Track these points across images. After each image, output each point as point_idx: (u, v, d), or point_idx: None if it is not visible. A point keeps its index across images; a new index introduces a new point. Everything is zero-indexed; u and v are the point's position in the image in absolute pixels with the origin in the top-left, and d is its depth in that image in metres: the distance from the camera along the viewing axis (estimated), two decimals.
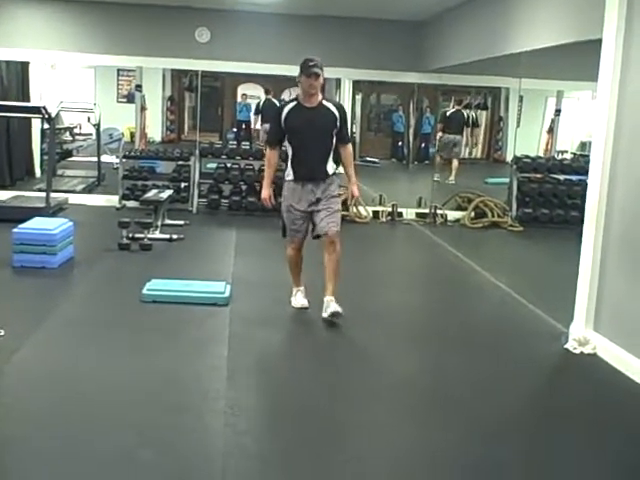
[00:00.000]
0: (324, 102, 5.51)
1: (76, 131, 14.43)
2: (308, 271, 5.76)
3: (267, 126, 12.11)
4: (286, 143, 5.59)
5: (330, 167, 5.52)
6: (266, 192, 5.67)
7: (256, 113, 13.10)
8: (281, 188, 5.70)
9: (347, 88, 15.13)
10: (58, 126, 12.37)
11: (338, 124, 5.48)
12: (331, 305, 5.31)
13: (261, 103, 13.55)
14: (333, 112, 5.48)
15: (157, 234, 8.09)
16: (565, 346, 5.16)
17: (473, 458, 3.53)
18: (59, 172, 12.00)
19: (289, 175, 5.56)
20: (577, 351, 5.08)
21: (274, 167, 5.71)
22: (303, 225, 5.57)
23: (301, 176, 5.49)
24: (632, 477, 3.41)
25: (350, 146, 5.69)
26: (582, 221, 5.32)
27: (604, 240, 5.09)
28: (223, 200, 10.36)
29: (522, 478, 3.38)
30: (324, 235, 5.44)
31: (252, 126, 15.74)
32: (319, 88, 5.45)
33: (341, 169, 5.78)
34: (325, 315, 5.30)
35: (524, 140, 11.67)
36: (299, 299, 5.73)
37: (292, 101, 5.58)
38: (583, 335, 5.12)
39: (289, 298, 5.75)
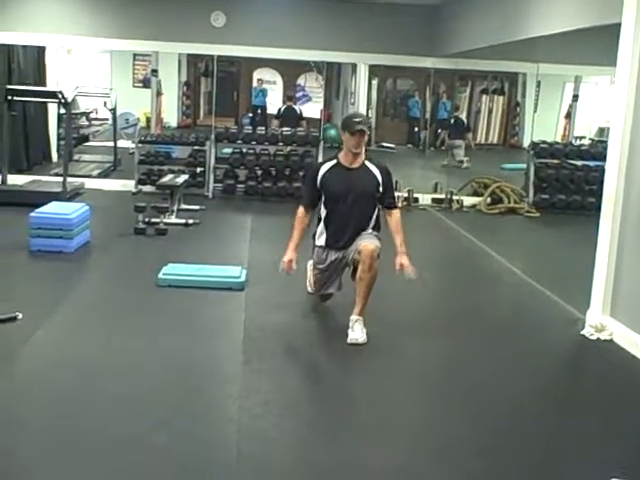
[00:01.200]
0: (367, 163, 5.00)
1: (92, 116, 14.47)
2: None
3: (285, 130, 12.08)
4: (321, 206, 5.10)
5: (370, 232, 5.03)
6: (289, 255, 4.95)
7: (276, 118, 13.19)
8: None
9: (363, 73, 15.06)
10: (74, 111, 12.40)
11: (381, 189, 4.98)
12: (355, 328, 4.72)
13: (282, 109, 13.64)
14: (375, 176, 4.96)
15: (173, 219, 8.10)
16: (582, 332, 5.14)
17: (488, 442, 3.53)
18: (75, 157, 12.03)
19: (320, 239, 5.12)
20: (594, 337, 5.06)
21: (303, 231, 5.07)
22: (331, 278, 5.15)
23: (333, 243, 5.04)
24: None
25: (398, 212, 5.09)
26: (599, 207, 5.29)
27: (621, 226, 5.06)
28: (239, 185, 10.36)
29: (539, 462, 3.38)
30: (358, 254, 4.82)
31: (267, 111, 15.72)
32: (363, 147, 4.97)
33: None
34: (348, 340, 4.69)
35: (541, 126, 11.60)
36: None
37: (331, 159, 5.10)
38: (600, 321, 5.09)
39: (304, 284, 5.74)
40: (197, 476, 3.12)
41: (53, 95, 9.62)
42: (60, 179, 9.01)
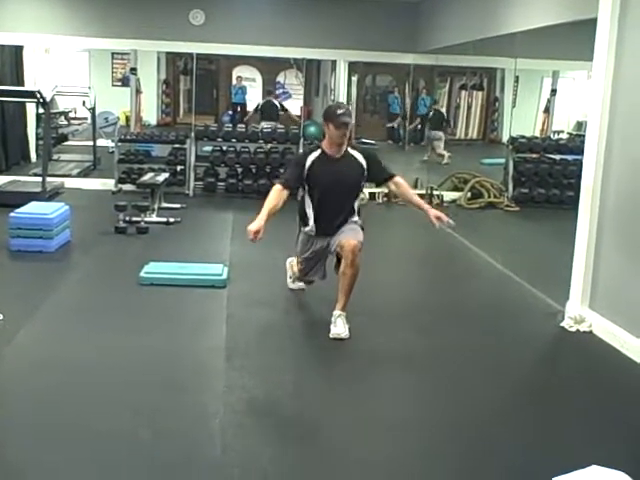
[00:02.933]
0: (350, 151, 4.98)
1: (71, 115, 14.39)
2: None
3: (265, 124, 12.10)
4: (306, 196, 5.04)
5: (353, 218, 5.05)
6: (257, 225, 4.66)
7: (256, 112, 13.21)
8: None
9: (342, 70, 15.07)
10: (53, 110, 12.31)
11: (366, 174, 4.97)
12: (338, 323, 4.75)
13: (261, 103, 13.69)
14: (361, 163, 4.94)
15: (154, 217, 8.09)
16: (561, 324, 5.19)
17: (470, 434, 3.57)
18: (55, 156, 11.98)
19: (310, 228, 5.04)
20: (573, 329, 5.11)
21: (276, 207, 4.79)
22: (315, 266, 5.18)
23: (322, 232, 5.02)
24: (628, 450, 3.45)
25: (400, 178, 5.11)
26: (578, 201, 5.34)
27: (599, 219, 5.12)
28: (219, 183, 10.36)
29: (520, 452, 3.42)
30: (341, 249, 4.82)
31: (247, 109, 15.71)
32: (347, 137, 4.91)
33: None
34: (330, 335, 4.73)
35: (520, 120, 11.66)
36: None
37: (316, 149, 5.00)
38: (579, 313, 5.15)
39: (286, 280, 5.76)
40: (182, 471, 3.13)
41: (31, 95, 9.56)
42: (39, 179, 8.96)
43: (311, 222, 5.02)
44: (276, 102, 13.75)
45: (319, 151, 4.96)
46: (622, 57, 4.88)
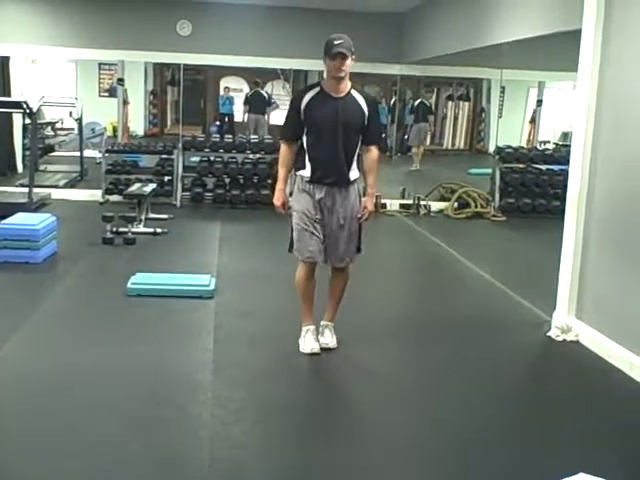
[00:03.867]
0: (353, 92, 4.54)
1: (58, 126, 14.37)
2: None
3: (253, 116, 12.13)
4: (304, 136, 4.58)
5: (353, 173, 4.60)
6: (279, 197, 4.61)
7: (245, 103, 13.25)
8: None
9: None
10: (40, 121, 12.31)
11: (366, 122, 4.53)
12: (326, 334, 4.70)
13: (249, 94, 13.71)
14: (361, 106, 4.51)
15: (141, 228, 8.07)
16: (548, 334, 5.21)
17: (458, 444, 3.57)
18: (41, 167, 11.94)
19: (305, 171, 4.55)
20: (560, 339, 5.13)
21: (290, 167, 4.63)
22: (318, 241, 4.53)
23: (317, 178, 4.51)
24: (615, 458, 3.46)
25: (376, 150, 4.71)
26: (564, 210, 5.37)
27: (585, 229, 5.15)
28: (207, 193, 10.34)
29: (507, 461, 3.42)
30: (331, 270, 4.70)
31: (235, 119, 15.75)
32: (347, 73, 4.49)
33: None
34: (320, 345, 4.64)
35: (506, 131, 11.74)
36: (309, 342, 4.62)
37: (314, 87, 4.59)
38: (566, 323, 5.17)
39: (274, 290, 5.73)
40: None
41: (18, 105, 9.53)
42: (26, 190, 8.93)
43: (307, 165, 4.54)
44: (264, 92, 13.80)
45: (317, 89, 4.54)
46: (606, 68, 4.92)
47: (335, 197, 4.53)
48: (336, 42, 4.40)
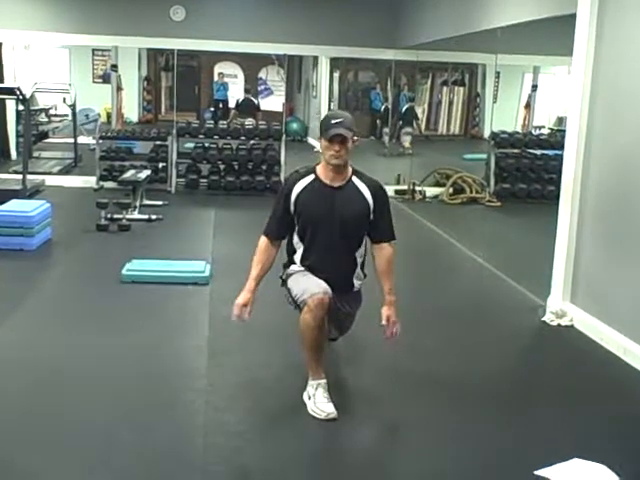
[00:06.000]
0: (354, 180, 3.80)
1: (52, 112, 14.29)
2: None
3: (246, 122, 12.17)
4: (294, 234, 3.91)
5: (357, 278, 4.01)
6: (243, 297, 3.83)
7: (235, 108, 13.40)
8: None
9: (324, 66, 15.09)
10: (33, 107, 12.24)
11: (372, 216, 3.81)
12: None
13: (240, 100, 13.88)
14: (365, 197, 3.77)
15: (136, 214, 8.06)
16: (543, 319, 5.23)
17: (453, 428, 3.58)
18: (35, 154, 11.87)
19: (297, 266, 3.95)
20: (554, 323, 5.15)
21: (266, 268, 3.89)
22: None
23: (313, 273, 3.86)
24: (609, 442, 3.48)
25: (391, 248, 3.89)
26: (559, 195, 5.37)
27: (580, 214, 5.15)
28: (202, 180, 10.33)
29: (501, 446, 3.44)
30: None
31: (229, 105, 15.72)
32: (347, 158, 3.73)
33: None
34: None
35: (501, 116, 11.73)
36: (320, 402, 3.65)
37: (307, 174, 3.82)
38: (560, 307, 5.19)
39: (269, 276, 5.67)
40: (164, 468, 3.13)
41: (11, 92, 9.48)
42: (19, 177, 8.89)
43: (297, 261, 3.94)
44: (254, 100, 14.20)
45: (311, 177, 3.80)
46: (601, 52, 4.91)
47: (337, 298, 3.83)
48: (333, 121, 3.67)
